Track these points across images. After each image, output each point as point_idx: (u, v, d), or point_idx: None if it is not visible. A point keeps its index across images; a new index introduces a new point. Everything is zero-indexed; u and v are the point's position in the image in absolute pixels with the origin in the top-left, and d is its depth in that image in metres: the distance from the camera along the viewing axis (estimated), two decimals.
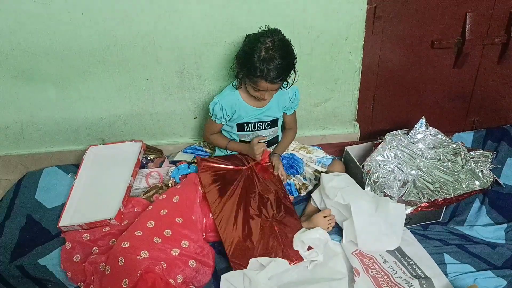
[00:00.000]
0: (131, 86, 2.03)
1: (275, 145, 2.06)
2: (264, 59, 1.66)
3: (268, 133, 1.99)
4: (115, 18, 1.83)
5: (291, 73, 1.78)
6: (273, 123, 1.96)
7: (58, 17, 1.81)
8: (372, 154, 1.88)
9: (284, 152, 2.07)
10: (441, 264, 1.68)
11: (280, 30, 1.74)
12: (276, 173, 1.94)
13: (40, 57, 1.90)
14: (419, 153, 1.92)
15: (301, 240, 1.67)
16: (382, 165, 1.86)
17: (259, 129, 1.95)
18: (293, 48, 1.75)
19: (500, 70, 2.17)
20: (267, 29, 1.73)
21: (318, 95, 2.15)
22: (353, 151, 2.05)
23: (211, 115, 1.92)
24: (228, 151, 2.02)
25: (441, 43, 2.04)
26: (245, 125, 1.93)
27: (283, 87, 1.82)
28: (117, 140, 2.17)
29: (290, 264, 1.64)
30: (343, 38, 1.97)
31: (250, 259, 1.62)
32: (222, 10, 1.84)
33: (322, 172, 1.97)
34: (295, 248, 1.68)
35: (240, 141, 2.00)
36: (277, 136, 2.05)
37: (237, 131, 1.96)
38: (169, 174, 2.01)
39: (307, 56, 2.00)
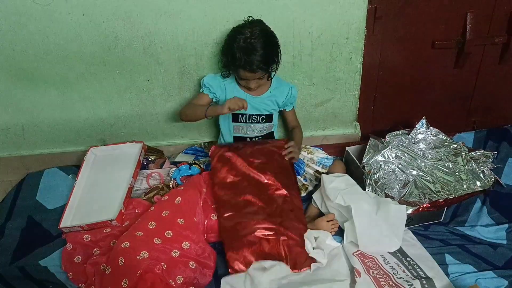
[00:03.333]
0: (132, 87, 2.03)
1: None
2: (242, 48, 1.72)
3: (262, 128, 1.99)
4: (116, 19, 1.83)
5: (275, 63, 1.81)
6: (268, 118, 1.97)
7: (59, 18, 1.81)
8: (367, 152, 1.89)
9: None
10: (442, 264, 1.67)
11: (262, 21, 1.79)
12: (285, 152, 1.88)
13: (41, 58, 1.90)
14: (420, 153, 1.92)
15: (313, 236, 1.69)
16: (383, 166, 1.86)
17: (253, 121, 1.96)
18: (275, 38, 1.80)
19: (501, 70, 2.17)
20: (249, 20, 1.78)
21: (318, 95, 2.15)
22: (354, 151, 2.05)
23: (202, 89, 1.92)
24: (209, 118, 1.91)
25: (442, 43, 2.04)
26: (240, 116, 1.94)
27: (269, 77, 1.84)
28: (118, 141, 2.17)
29: (292, 271, 1.63)
30: (343, 38, 1.97)
31: (253, 262, 1.62)
32: (223, 10, 1.84)
33: (322, 173, 1.97)
34: (306, 240, 1.68)
35: (235, 137, 2.00)
36: (272, 133, 2.05)
37: (232, 121, 1.96)
38: (170, 175, 2.01)
39: (307, 57, 2.00)
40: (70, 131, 2.15)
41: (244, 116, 1.94)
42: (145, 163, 2.10)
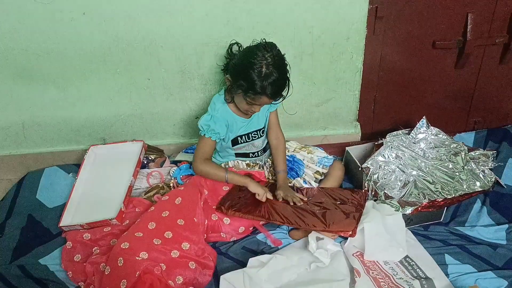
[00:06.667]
0: (132, 86, 2.03)
1: (272, 162, 1.98)
2: (266, 75, 1.62)
3: (263, 141, 1.96)
4: (117, 19, 1.83)
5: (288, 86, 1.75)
6: (264, 127, 1.95)
7: (59, 17, 1.81)
8: (372, 156, 1.88)
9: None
10: (442, 264, 1.67)
11: (275, 44, 1.70)
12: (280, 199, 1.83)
13: (41, 57, 1.90)
14: (420, 153, 1.92)
15: (316, 236, 1.67)
16: (383, 166, 1.86)
17: (254, 138, 1.93)
18: (286, 61, 1.72)
19: (501, 70, 2.17)
20: (264, 42, 1.69)
21: (319, 95, 2.15)
22: (354, 151, 2.05)
23: (203, 132, 1.82)
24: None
25: (443, 43, 2.04)
26: (238, 138, 1.90)
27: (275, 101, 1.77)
28: (118, 140, 2.17)
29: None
30: (344, 38, 1.97)
31: (250, 259, 1.62)
32: (223, 10, 1.84)
33: (323, 173, 1.97)
34: (310, 239, 1.66)
35: (236, 154, 1.97)
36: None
37: (232, 145, 1.92)
38: (171, 174, 2.01)
39: (308, 57, 2.00)
40: (70, 130, 2.15)
41: (244, 136, 1.90)
42: (145, 162, 2.10)
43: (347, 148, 2.07)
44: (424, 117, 1.95)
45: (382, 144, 1.92)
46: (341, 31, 1.95)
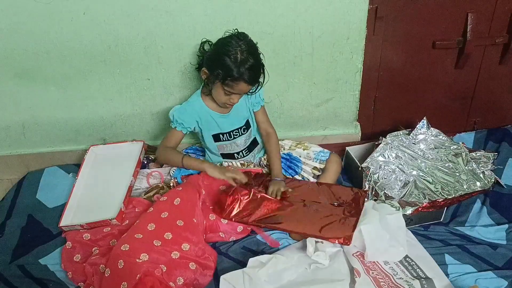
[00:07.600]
0: (132, 86, 2.03)
1: (270, 170, 1.96)
2: (242, 61, 1.67)
3: (245, 139, 1.97)
4: (117, 18, 1.83)
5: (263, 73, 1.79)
6: (247, 125, 1.95)
7: (60, 17, 1.81)
8: (372, 154, 1.88)
9: (281, 152, 2.03)
10: (442, 264, 1.67)
11: (247, 34, 1.74)
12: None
13: (42, 57, 1.90)
14: (420, 153, 1.92)
15: (315, 239, 1.67)
16: (383, 166, 1.86)
17: (235, 136, 1.93)
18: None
19: (501, 70, 2.17)
20: (236, 32, 1.74)
21: (319, 95, 2.15)
22: (354, 151, 2.05)
23: (172, 122, 1.89)
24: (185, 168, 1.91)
25: (443, 43, 2.03)
26: (220, 135, 1.92)
27: (252, 90, 1.79)
28: (118, 140, 2.17)
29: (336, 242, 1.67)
30: (344, 38, 1.97)
31: (250, 259, 1.61)
32: (223, 10, 1.84)
33: (320, 169, 1.97)
34: (308, 243, 1.66)
35: (222, 155, 1.98)
36: (255, 140, 2.02)
37: (215, 141, 1.94)
38: (171, 174, 2.01)
39: (308, 56, 2.00)
40: (70, 130, 2.15)
41: (225, 134, 1.92)
42: (145, 162, 2.10)
43: (347, 148, 2.07)
44: (424, 117, 1.95)
45: (382, 144, 1.92)
46: (341, 31, 1.95)
